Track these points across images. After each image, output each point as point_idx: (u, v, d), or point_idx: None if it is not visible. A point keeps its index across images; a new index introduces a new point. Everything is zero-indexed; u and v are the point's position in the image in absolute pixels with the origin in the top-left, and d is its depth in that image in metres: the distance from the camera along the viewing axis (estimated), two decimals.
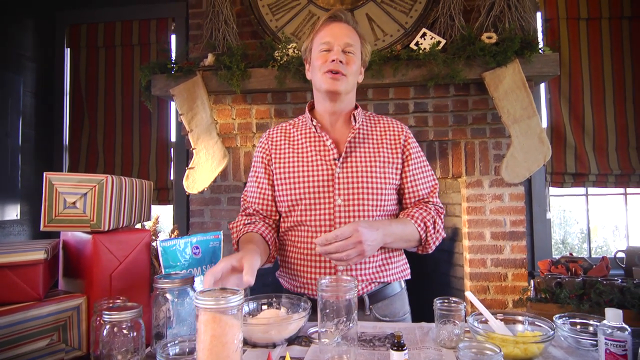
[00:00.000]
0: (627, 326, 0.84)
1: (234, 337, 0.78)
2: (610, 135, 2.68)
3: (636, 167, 2.62)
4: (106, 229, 0.99)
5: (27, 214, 2.97)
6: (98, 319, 0.91)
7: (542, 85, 2.70)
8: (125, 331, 0.86)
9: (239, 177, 2.55)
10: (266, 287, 2.09)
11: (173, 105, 2.99)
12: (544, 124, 2.69)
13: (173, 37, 3.07)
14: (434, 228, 1.27)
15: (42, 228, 0.97)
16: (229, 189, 2.56)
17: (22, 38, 2.97)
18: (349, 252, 1.07)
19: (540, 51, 2.25)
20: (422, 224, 1.25)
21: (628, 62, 2.70)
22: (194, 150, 2.37)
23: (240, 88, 2.33)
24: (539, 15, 2.74)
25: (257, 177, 1.36)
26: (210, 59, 2.34)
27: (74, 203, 0.97)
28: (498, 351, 0.71)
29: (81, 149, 3.12)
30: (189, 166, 2.36)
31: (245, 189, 1.42)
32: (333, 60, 1.22)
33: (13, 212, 2.86)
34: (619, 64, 2.71)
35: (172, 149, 3.02)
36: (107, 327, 0.85)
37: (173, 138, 3.04)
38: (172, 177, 3.01)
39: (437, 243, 1.31)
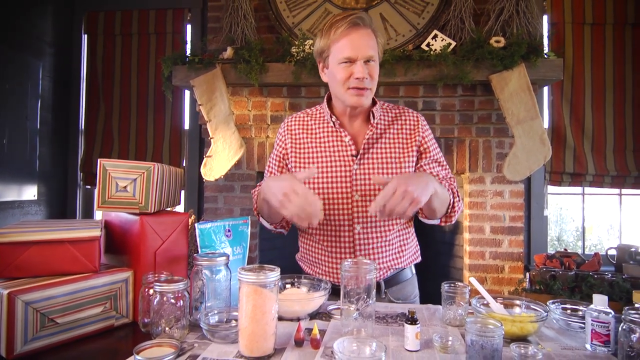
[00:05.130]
0: (611, 310, 0.97)
1: (272, 308, 0.91)
2: (608, 138, 2.80)
3: (632, 169, 2.74)
4: (152, 211, 1.11)
5: (44, 194, 3.08)
6: (147, 290, 1.04)
7: (546, 88, 2.80)
8: (172, 301, 0.98)
9: (252, 167, 2.66)
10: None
11: (187, 94, 3.10)
12: (546, 125, 2.80)
13: (188, 27, 3.15)
14: (458, 196, 1.35)
15: (96, 209, 1.08)
16: (242, 177, 2.67)
17: (41, 23, 3.05)
18: (403, 205, 1.05)
19: (545, 56, 2.35)
20: (450, 191, 1.33)
21: (629, 68, 2.80)
22: (211, 140, 2.48)
23: (258, 81, 2.43)
24: (545, 18, 2.84)
25: (270, 171, 1.46)
26: (229, 52, 2.44)
27: (125, 187, 1.08)
28: (500, 325, 0.83)
29: (97, 134, 3.22)
30: (207, 154, 2.47)
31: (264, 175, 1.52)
32: (358, 78, 1.22)
33: (31, 193, 2.97)
34: (620, 69, 2.81)
35: (185, 137, 3.13)
36: (158, 297, 0.97)
37: (186, 126, 3.14)
38: (184, 164, 3.12)
39: (457, 213, 1.36)
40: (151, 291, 1.01)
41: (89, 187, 3.29)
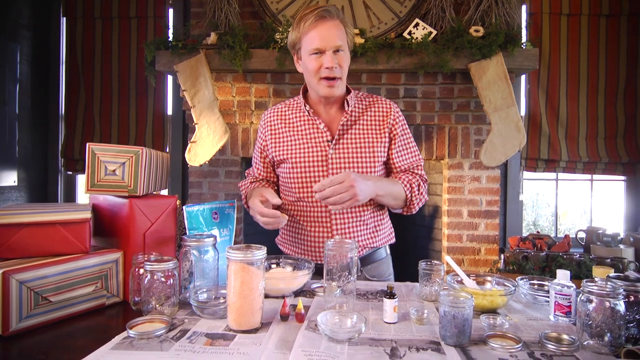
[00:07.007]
0: (572, 284, 1.05)
1: (258, 284, 0.96)
2: (581, 125, 2.91)
3: (602, 156, 2.87)
4: (141, 194, 1.14)
5: (24, 180, 3.05)
6: (137, 269, 1.07)
7: (523, 76, 2.89)
8: (163, 279, 1.02)
9: (237, 152, 2.69)
10: None
11: (170, 79, 3.08)
12: (522, 113, 2.90)
13: (171, 12, 3.12)
14: (419, 190, 1.42)
15: (84, 192, 1.11)
16: (226, 163, 2.70)
17: (19, 5, 2.97)
18: (343, 195, 1.19)
19: (522, 46, 2.43)
20: (408, 185, 1.40)
21: (602, 58, 2.91)
22: (196, 125, 2.49)
23: (242, 67, 2.44)
24: (524, 8, 2.91)
25: (256, 160, 1.56)
26: (213, 37, 2.44)
27: (113, 171, 1.11)
28: (470, 297, 0.90)
29: (77, 119, 3.18)
30: (191, 140, 2.49)
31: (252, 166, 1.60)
32: (328, 68, 1.29)
33: (10, 179, 2.94)
34: (594, 59, 2.91)
35: (168, 123, 3.12)
36: (148, 276, 1.01)
37: (169, 111, 3.13)
38: (167, 150, 3.12)
39: (420, 204, 1.45)
40: (141, 271, 1.05)
41: (70, 172, 3.26)
